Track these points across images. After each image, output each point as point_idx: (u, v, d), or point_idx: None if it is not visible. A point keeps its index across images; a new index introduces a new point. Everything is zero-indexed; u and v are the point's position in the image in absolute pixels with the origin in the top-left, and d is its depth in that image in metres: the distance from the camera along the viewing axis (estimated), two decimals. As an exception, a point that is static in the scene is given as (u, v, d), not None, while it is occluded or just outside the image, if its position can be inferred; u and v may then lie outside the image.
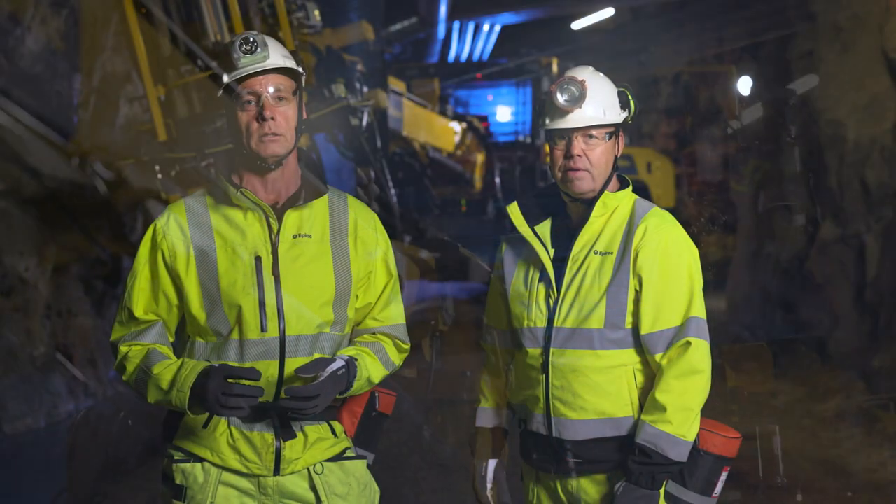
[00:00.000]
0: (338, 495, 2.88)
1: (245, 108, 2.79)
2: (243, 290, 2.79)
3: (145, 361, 2.79)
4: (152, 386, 2.76)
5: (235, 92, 2.78)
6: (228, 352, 2.79)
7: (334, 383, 2.76)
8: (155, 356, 2.80)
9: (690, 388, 2.89)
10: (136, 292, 2.84)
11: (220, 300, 2.79)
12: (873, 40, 8.82)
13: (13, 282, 8.29)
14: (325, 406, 2.77)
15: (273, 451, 2.81)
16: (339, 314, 2.88)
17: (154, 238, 2.85)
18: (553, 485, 3.07)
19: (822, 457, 6.92)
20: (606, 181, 3.00)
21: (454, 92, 15.16)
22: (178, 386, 2.71)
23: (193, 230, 2.83)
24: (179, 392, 2.70)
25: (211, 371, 2.67)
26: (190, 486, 2.82)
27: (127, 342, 2.84)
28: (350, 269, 2.89)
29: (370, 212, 3.00)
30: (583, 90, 2.95)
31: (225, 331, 2.80)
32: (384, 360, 2.94)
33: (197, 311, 2.81)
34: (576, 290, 2.97)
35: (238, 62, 2.77)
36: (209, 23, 7.24)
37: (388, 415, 3.05)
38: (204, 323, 2.81)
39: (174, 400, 2.72)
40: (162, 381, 2.74)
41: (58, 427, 8.24)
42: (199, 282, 2.81)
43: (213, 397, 2.63)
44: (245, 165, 2.85)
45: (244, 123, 2.79)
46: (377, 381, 2.93)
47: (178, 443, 2.85)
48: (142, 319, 2.85)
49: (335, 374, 2.77)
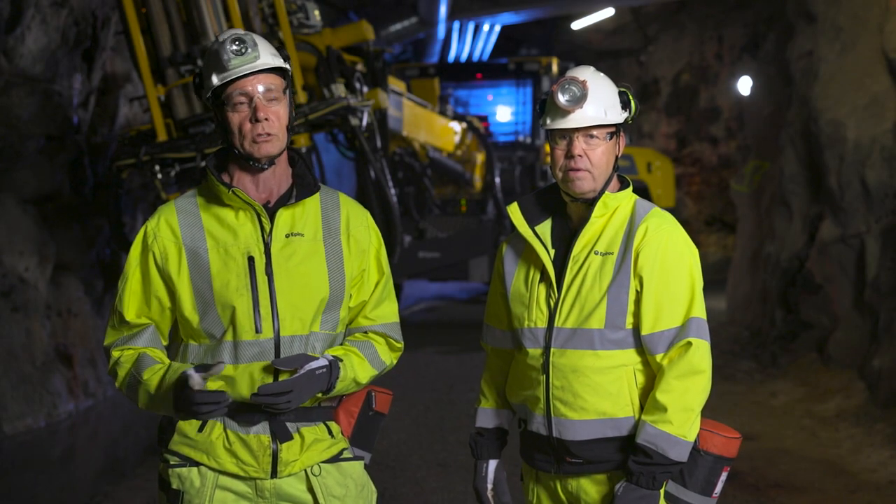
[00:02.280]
0: (335, 497, 2.87)
1: (237, 110, 2.77)
2: (237, 291, 2.78)
3: (136, 366, 2.79)
4: (142, 392, 2.77)
5: (226, 93, 2.77)
6: (222, 354, 2.78)
7: (310, 381, 2.75)
8: (146, 361, 2.79)
9: (691, 388, 2.90)
10: (127, 296, 2.83)
11: (214, 302, 2.78)
12: (873, 40, 8.82)
13: (13, 282, 8.29)
14: (300, 403, 2.76)
15: (270, 454, 2.81)
16: (333, 313, 2.87)
17: (145, 241, 2.83)
18: (553, 485, 3.08)
19: (822, 457, 6.92)
20: (607, 181, 3.01)
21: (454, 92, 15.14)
22: (162, 391, 2.73)
23: (184, 231, 2.81)
24: (165, 399, 2.73)
25: (183, 378, 2.67)
26: (187, 490, 2.81)
27: (119, 347, 2.84)
28: (343, 268, 2.88)
29: (362, 209, 2.98)
30: (584, 90, 2.95)
31: (218, 333, 2.79)
32: (373, 360, 2.92)
33: (189, 313, 2.80)
34: (576, 291, 2.97)
35: (229, 63, 2.75)
36: (209, 23, 7.24)
37: (384, 414, 3.04)
38: (197, 325, 2.80)
39: (161, 404, 2.75)
40: (150, 386, 2.76)
41: (58, 427, 8.25)
42: (192, 283, 2.79)
43: (185, 406, 2.67)
44: (237, 165, 2.84)
45: (236, 124, 2.77)
46: (365, 382, 2.91)
47: (174, 447, 2.84)
48: (133, 323, 2.83)
49: (313, 372, 2.76)
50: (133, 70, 9.00)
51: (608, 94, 2.99)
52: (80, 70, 8.77)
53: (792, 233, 10.31)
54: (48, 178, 8.81)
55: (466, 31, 18.36)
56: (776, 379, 9.30)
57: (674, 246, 2.96)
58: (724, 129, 20.75)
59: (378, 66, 9.81)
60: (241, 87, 2.76)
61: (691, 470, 2.94)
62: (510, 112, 15.41)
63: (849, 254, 8.90)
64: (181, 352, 2.85)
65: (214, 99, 2.81)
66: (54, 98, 8.35)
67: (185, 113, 7.42)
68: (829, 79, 9.28)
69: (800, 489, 6.24)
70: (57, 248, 8.87)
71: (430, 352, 11.39)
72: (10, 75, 7.80)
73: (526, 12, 17.68)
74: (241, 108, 2.77)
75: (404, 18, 15.96)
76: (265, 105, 2.76)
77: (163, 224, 2.83)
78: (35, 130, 8.29)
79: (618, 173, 3.08)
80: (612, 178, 3.03)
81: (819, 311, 9.45)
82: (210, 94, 2.80)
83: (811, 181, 10.03)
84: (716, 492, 2.97)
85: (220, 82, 2.77)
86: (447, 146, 13.47)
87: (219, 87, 2.78)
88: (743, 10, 19.83)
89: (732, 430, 3.00)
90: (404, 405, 8.61)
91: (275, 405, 2.71)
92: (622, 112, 3.00)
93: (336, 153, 11.12)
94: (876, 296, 8.28)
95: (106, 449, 8.33)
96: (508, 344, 3.16)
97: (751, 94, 13.86)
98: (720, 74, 20.65)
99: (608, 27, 20.74)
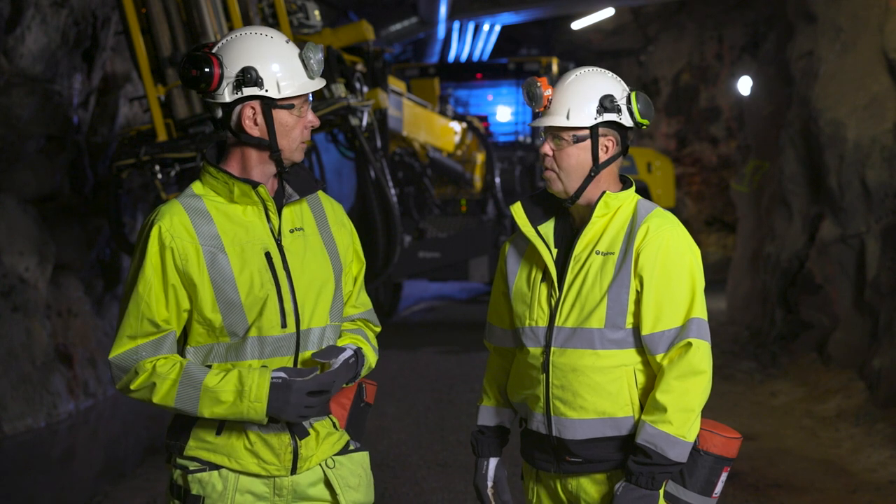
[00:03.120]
0: (351, 487, 2.93)
1: (301, 114, 2.81)
2: (262, 288, 2.78)
3: (188, 376, 2.74)
4: (207, 400, 2.72)
5: (291, 97, 2.79)
6: (246, 350, 2.78)
7: (346, 371, 2.82)
8: (196, 369, 2.75)
9: (691, 388, 2.90)
10: (153, 299, 2.74)
11: (239, 300, 2.77)
12: (873, 40, 8.82)
13: (13, 282, 8.29)
14: (335, 394, 2.84)
15: (291, 451, 2.84)
16: (338, 304, 2.93)
17: (161, 240, 2.74)
18: (553, 484, 3.08)
19: (822, 457, 6.92)
20: (582, 186, 3.00)
21: (454, 92, 15.12)
22: (252, 398, 2.70)
23: (199, 230, 2.78)
24: (256, 403, 2.71)
25: (293, 385, 2.71)
26: (208, 495, 2.81)
27: (149, 358, 2.75)
28: (340, 259, 2.94)
29: (335, 201, 3.05)
30: (540, 91, 2.98)
31: (242, 330, 2.78)
32: (373, 346, 3.01)
33: (210, 313, 2.77)
34: (577, 290, 2.98)
35: (315, 75, 2.81)
36: (209, 23, 7.24)
37: (371, 404, 3.10)
38: (220, 324, 2.77)
39: (246, 412, 2.72)
40: (222, 393, 2.72)
41: (58, 427, 8.25)
42: (213, 283, 2.76)
43: (293, 410, 2.72)
44: (250, 162, 2.82)
45: (290, 128, 2.80)
46: (373, 367, 2.99)
47: (191, 453, 2.83)
48: (162, 328, 2.77)
49: (346, 361, 2.83)
50: (133, 70, 9.01)
51: (580, 96, 2.97)
52: (80, 70, 8.77)
53: (792, 233, 10.31)
54: (48, 178, 8.81)
55: (466, 31, 18.35)
56: (776, 379, 9.30)
57: (675, 246, 2.96)
58: (724, 129, 20.75)
59: (378, 66, 9.82)
60: (307, 97, 2.82)
61: (691, 470, 2.94)
62: (510, 112, 15.40)
63: (849, 254, 8.90)
64: (196, 353, 2.81)
65: (260, 98, 2.77)
66: (54, 98, 8.35)
67: (185, 113, 7.41)
68: (829, 79, 9.28)
69: (800, 489, 6.24)
70: (57, 248, 8.87)
71: (430, 352, 11.39)
72: (10, 75, 7.80)
73: (526, 12, 17.67)
74: (304, 114, 2.82)
75: (404, 18, 15.95)
76: (314, 115, 2.85)
77: (177, 224, 2.76)
78: (35, 130, 8.29)
79: (620, 174, 3.09)
80: (591, 182, 3.00)
81: (819, 311, 9.45)
82: (260, 89, 2.76)
83: (811, 181, 10.03)
84: (716, 492, 2.97)
85: (308, 90, 2.79)
86: (447, 146, 13.46)
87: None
88: (743, 10, 19.83)
89: (732, 430, 3.00)
90: (404, 405, 8.61)
91: (323, 399, 2.76)
92: (598, 116, 2.97)
93: (336, 153, 11.14)
94: (876, 296, 8.28)
95: (106, 449, 8.33)
96: (510, 343, 3.17)
97: (751, 94, 13.86)
98: (720, 74, 20.65)
99: (608, 27, 20.74)
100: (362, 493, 2.96)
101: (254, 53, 2.76)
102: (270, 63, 2.76)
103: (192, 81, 2.76)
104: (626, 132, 3.03)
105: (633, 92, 3.00)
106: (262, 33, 2.80)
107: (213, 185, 2.83)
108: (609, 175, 3.04)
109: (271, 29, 2.84)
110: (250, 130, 2.78)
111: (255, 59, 2.75)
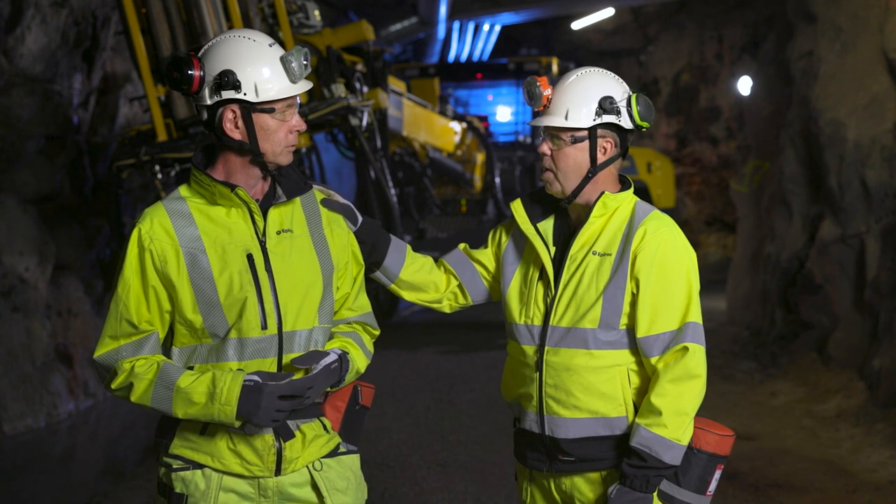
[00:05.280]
0: (339, 490, 2.91)
1: (285, 118, 2.80)
2: (242, 289, 2.78)
3: (163, 376, 2.75)
4: (180, 401, 2.73)
5: (274, 101, 2.77)
6: (227, 352, 2.79)
7: (327, 376, 2.80)
8: (172, 370, 2.76)
9: (686, 392, 2.90)
10: (132, 301, 2.78)
11: (219, 301, 2.78)
12: (873, 40, 8.82)
13: (13, 282, 8.29)
14: (315, 399, 2.82)
15: (274, 452, 2.83)
16: (328, 306, 2.91)
17: (140, 243, 2.77)
18: (547, 484, 3.08)
19: (822, 457, 6.92)
20: (579, 186, 3.00)
21: (454, 92, 15.12)
22: (223, 400, 2.70)
23: (179, 232, 2.79)
24: (226, 406, 2.70)
25: (264, 388, 2.70)
26: (191, 493, 2.81)
27: (129, 358, 2.78)
28: (332, 261, 2.92)
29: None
30: (540, 90, 2.99)
31: (222, 331, 2.79)
32: (365, 350, 2.99)
33: (191, 314, 2.78)
34: (573, 290, 2.98)
35: (297, 77, 2.79)
36: (209, 23, 7.24)
37: (368, 407, 3.08)
38: (200, 325, 2.79)
39: (217, 414, 2.72)
40: (194, 394, 2.72)
41: (58, 427, 8.25)
42: (192, 284, 2.77)
43: (264, 414, 2.70)
44: (235, 164, 2.82)
45: (274, 132, 2.79)
46: (363, 372, 2.97)
47: (176, 451, 2.84)
48: (142, 328, 2.79)
49: (328, 367, 2.81)
50: (133, 70, 9.01)
51: (579, 97, 2.97)
52: (80, 70, 8.77)
53: (792, 233, 10.31)
54: (48, 178, 8.81)
55: (466, 31, 18.35)
56: (776, 379, 9.30)
57: (672, 249, 2.96)
58: (724, 129, 20.75)
59: (378, 66, 9.82)
60: (293, 100, 2.81)
61: (685, 469, 2.95)
62: (510, 112, 15.40)
63: (849, 254, 8.90)
64: (179, 354, 2.82)
65: (238, 102, 2.76)
66: (54, 98, 8.35)
67: (185, 113, 7.42)
68: (829, 79, 9.27)
69: (800, 489, 6.24)
70: (57, 248, 8.88)
71: (430, 352, 11.39)
72: (10, 75, 7.80)
73: (526, 12, 17.67)
74: (288, 118, 2.81)
75: (404, 18, 15.95)
76: (300, 119, 2.84)
77: (157, 226, 2.78)
78: (35, 130, 8.29)
79: (620, 174, 3.08)
80: (588, 183, 3.00)
81: (819, 311, 9.45)
82: (238, 93, 2.75)
83: (811, 181, 10.03)
84: (710, 490, 2.98)
85: (289, 94, 2.78)
86: (447, 146, 13.46)
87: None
88: (743, 10, 19.83)
89: (725, 427, 3.01)
90: (404, 405, 8.61)
91: (300, 403, 2.75)
92: (597, 117, 2.97)
93: (336, 153, 11.13)
94: (876, 296, 8.28)
95: (106, 449, 8.33)
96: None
97: (751, 94, 13.85)
98: (720, 74, 20.65)
99: (608, 27, 20.74)
100: (350, 496, 2.93)
101: (233, 57, 2.76)
102: (249, 66, 2.75)
103: (173, 83, 2.78)
104: (625, 134, 3.03)
105: (633, 94, 3.00)
106: (245, 36, 2.79)
107: (196, 188, 2.85)
108: (608, 176, 3.04)
109: (256, 32, 2.84)
110: (231, 133, 2.78)
111: (234, 62, 2.75)
